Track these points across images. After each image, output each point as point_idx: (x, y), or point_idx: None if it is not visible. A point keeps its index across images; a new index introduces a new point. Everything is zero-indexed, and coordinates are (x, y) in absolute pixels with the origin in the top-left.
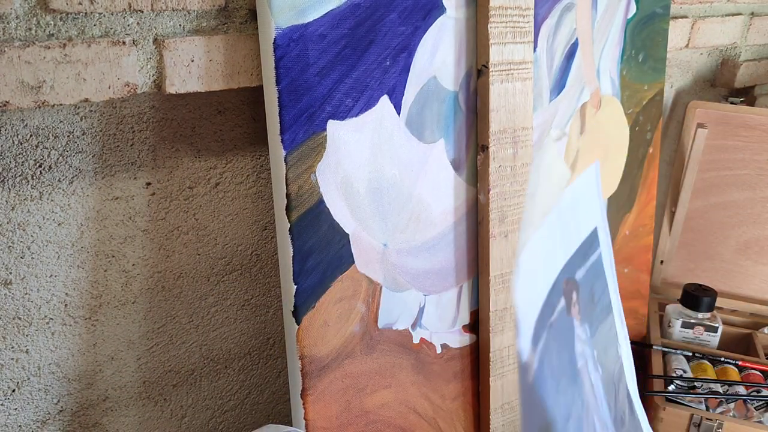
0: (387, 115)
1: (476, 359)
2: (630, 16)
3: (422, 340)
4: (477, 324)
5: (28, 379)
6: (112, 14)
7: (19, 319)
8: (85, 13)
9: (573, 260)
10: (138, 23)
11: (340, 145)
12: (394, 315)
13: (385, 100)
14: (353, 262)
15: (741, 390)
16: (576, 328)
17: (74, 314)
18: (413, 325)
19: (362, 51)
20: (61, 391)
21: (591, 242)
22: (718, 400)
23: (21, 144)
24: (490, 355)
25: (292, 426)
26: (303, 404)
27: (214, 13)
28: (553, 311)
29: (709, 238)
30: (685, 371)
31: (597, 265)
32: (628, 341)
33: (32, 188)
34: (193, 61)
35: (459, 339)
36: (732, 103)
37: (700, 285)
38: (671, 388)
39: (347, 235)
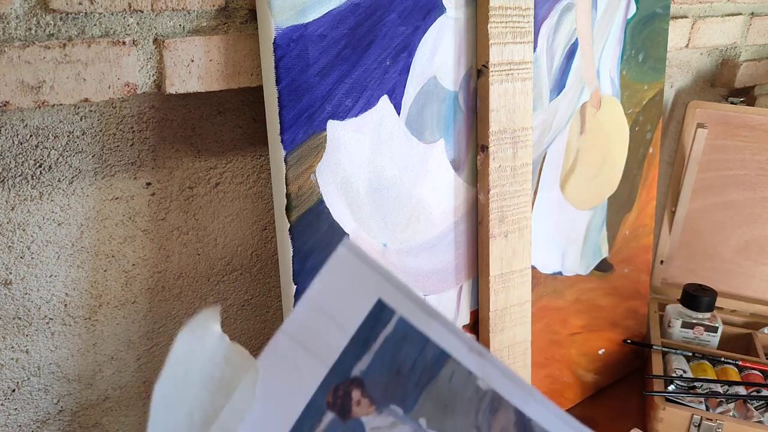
0: (387, 115)
1: None
2: (630, 16)
3: None
4: (477, 324)
5: (28, 379)
6: (112, 14)
7: (19, 319)
8: (85, 13)
9: (340, 364)
10: (138, 23)
11: (340, 145)
12: None
13: (385, 100)
14: None
15: (741, 390)
16: (367, 423)
17: (74, 314)
18: None
19: (362, 51)
20: (61, 391)
21: (374, 321)
22: (718, 400)
23: (21, 144)
24: None
25: None
26: None
27: (214, 13)
28: None
29: (709, 238)
30: (685, 371)
31: (395, 335)
32: (494, 362)
33: (32, 188)
34: (193, 61)
35: None
36: (732, 103)
37: (700, 285)
38: (671, 388)
39: (347, 235)
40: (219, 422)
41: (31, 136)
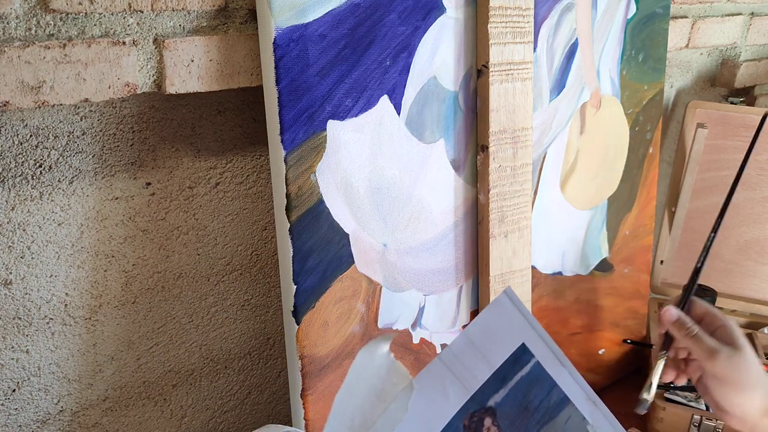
0: (387, 115)
1: None
2: (630, 16)
3: (422, 340)
4: None
5: (28, 379)
6: (112, 14)
7: (19, 319)
8: (85, 13)
9: (481, 393)
10: (138, 23)
11: (340, 145)
12: (394, 315)
13: (385, 100)
14: (353, 262)
15: None
16: None
17: (74, 314)
18: (413, 325)
19: (362, 51)
20: (61, 391)
21: (515, 361)
22: None
23: (21, 144)
24: None
25: (292, 426)
26: (303, 404)
27: (214, 13)
28: None
29: None
30: None
31: (530, 376)
32: (605, 411)
33: (32, 188)
34: (193, 61)
35: None
36: (732, 103)
37: (700, 285)
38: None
39: (347, 235)
40: (374, 428)
41: (31, 136)
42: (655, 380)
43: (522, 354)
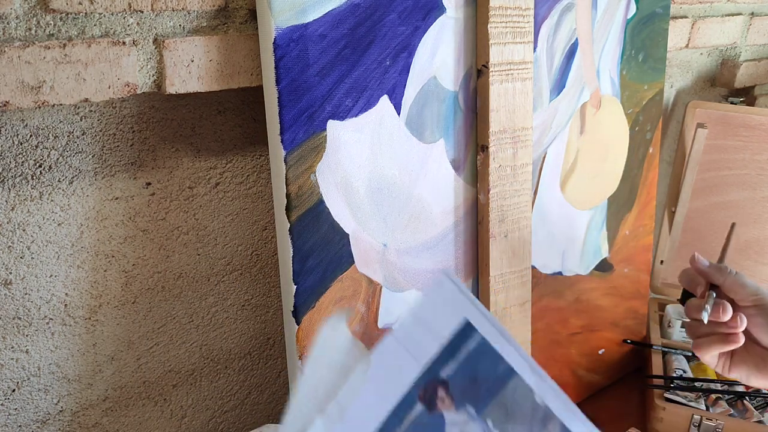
0: (387, 115)
1: None
2: (630, 16)
3: None
4: None
5: (28, 379)
6: (112, 14)
7: (19, 319)
8: (85, 13)
9: (433, 366)
10: (138, 23)
11: (340, 145)
12: (394, 315)
13: (385, 100)
14: (353, 262)
15: (741, 389)
16: (447, 418)
17: (74, 314)
18: None
19: (362, 51)
20: (61, 391)
21: (462, 336)
22: (715, 396)
23: (21, 144)
24: None
25: None
26: None
27: (214, 13)
28: (400, 425)
29: (709, 238)
30: (685, 371)
31: (478, 350)
32: (550, 383)
33: (32, 188)
34: (193, 61)
35: None
36: (732, 103)
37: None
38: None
39: (347, 235)
40: (336, 399)
41: (31, 136)
42: (709, 305)
43: (467, 330)
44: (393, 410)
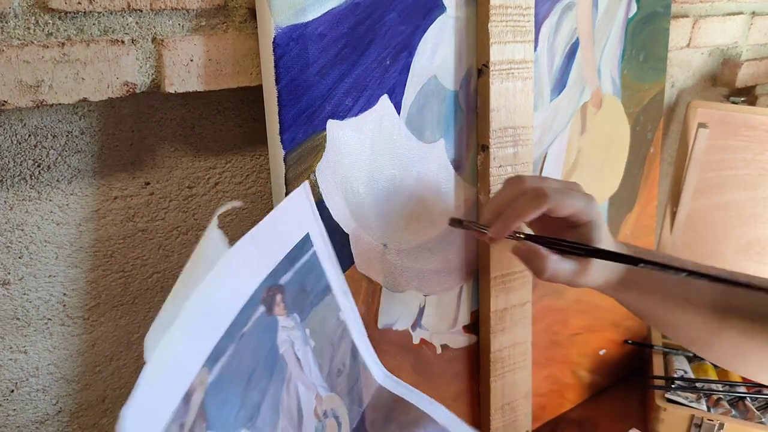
0: (387, 114)
1: (476, 360)
2: (631, 15)
3: (422, 340)
4: (477, 324)
5: (27, 379)
6: (111, 13)
7: (18, 319)
8: (84, 12)
9: (275, 272)
10: (137, 22)
11: (340, 144)
12: (394, 315)
13: (385, 100)
14: (353, 262)
15: (742, 390)
16: (280, 322)
17: (73, 315)
18: (413, 326)
19: (362, 50)
20: (60, 391)
21: (301, 247)
22: (716, 397)
23: (19, 144)
24: (491, 355)
25: None
26: None
27: (213, 12)
28: (246, 323)
29: (710, 239)
30: (686, 372)
31: (309, 262)
32: (352, 303)
33: (31, 188)
34: (192, 60)
35: (459, 339)
36: (733, 102)
37: None
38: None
39: (347, 235)
40: (195, 294)
41: (29, 135)
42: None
43: (305, 242)
44: (242, 308)
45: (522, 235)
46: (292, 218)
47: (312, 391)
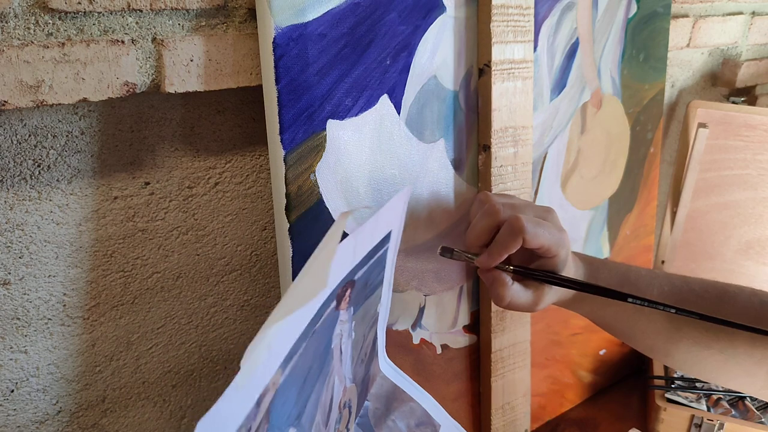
0: (387, 114)
1: (476, 360)
2: (631, 15)
3: (422, 340)
4: (477, 324)
5: (27, 379)
6: (111, 13)
7: (18, 319)
8: (84, 12)
9: (357, 266)
10: (137, 22)
11: (340, 144)
12: (394, 315)
13: (385, 100)
14: None
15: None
16: (340, 316)
17: (73, 314)
18: (413, 326)
19: (362, 50)
20: (60, 391)
21: (381, 244)
22: (718, 400)
23: (19, 144)
24: (491, 355)
25: None
26: None
27: (213, 12)
28: (320, 320)
29: (710, 239)
30: None
31: (381, 257)
32: (390, 293)
33: (30, 188)
34: (192, 60)
35: (459, 339)
36: (733, 102)
37: None
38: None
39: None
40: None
41: (29, 135)
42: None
43: (386, 240)
44: (321, 305)
45: (510, 267)
46: (387, 217)
47: (342, 383)
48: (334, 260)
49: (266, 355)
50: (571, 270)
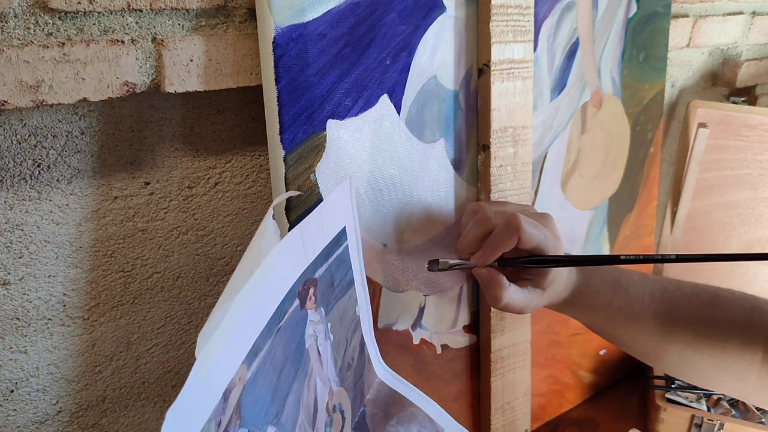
0: (387, 114)
1: (476, 360)
2: (631, 15)
3: (422, 340)
4: (477, 324)
5: (27, 379)
6: (111, 13)
7: (18, 319)
8: (84, 12)
9: (313, 264)
10: (137, 22)
11: (340, 144)
12: (394, 315)
13: (385, 100)
14: None
15: None
16: (309, 316)
17: (73, 315)
18: (413, 326)
19: (362, 50)
20: (60, 391)
21: (337, 241)
22: (718, 400)
23: (19, 144)
24: (491, 355)
25: None
26: None
27: (213, 12)
28: (283, 317)
29: (710, 239)
30: None
31: (341, 256)
32: (367, 296)
33: (30, 188)
34: (192, 60)
35: (459, 339)
36: (733, 102)
37: None
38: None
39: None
40: (245, 288)
41: (29, 135)
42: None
43: (342, 236)
44: (281, 302)
45: (497, 263)
46: (334, 211)
47: (327, 386)
48: (280, 252)
49: (222, 347)
50: (563, 276)
